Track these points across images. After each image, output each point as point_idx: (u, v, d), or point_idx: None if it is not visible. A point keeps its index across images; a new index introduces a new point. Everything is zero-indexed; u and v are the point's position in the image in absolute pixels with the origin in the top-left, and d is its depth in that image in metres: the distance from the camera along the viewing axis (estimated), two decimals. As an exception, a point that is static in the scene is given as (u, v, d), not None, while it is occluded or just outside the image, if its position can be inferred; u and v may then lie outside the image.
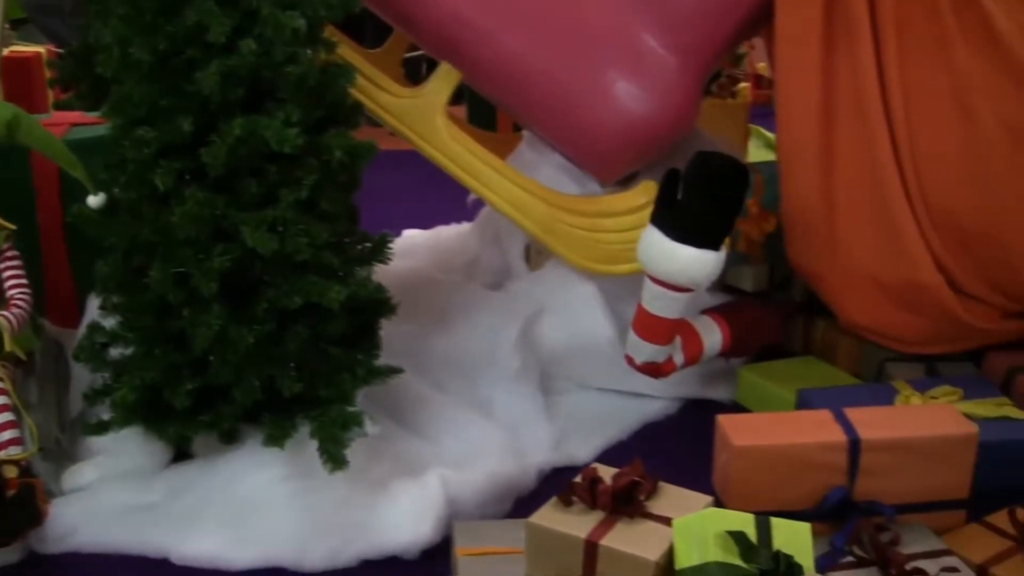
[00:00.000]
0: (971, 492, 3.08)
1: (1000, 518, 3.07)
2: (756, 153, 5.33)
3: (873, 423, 3.02)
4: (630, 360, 3.46)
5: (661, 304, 3.31)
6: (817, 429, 2.99)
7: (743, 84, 5.86)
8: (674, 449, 3.57)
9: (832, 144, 3.63)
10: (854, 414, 3.06)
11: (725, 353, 3.72)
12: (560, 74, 3.70)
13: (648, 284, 3.31)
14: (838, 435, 2.95)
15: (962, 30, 3.44)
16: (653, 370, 3.46)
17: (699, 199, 3.18)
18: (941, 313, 3.66)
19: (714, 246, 3.23)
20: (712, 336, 3.63)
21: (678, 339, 3.47)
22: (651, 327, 3.36)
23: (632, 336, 3.41)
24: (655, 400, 3.84)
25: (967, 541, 3.00)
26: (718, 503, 2.85)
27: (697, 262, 3.21)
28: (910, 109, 3.54)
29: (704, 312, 3.68)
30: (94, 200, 3.12)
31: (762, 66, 6.64)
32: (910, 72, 3.53)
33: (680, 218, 3.20)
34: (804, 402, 3.48)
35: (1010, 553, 2.94)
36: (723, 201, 3.22)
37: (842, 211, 3.65)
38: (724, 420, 3.03)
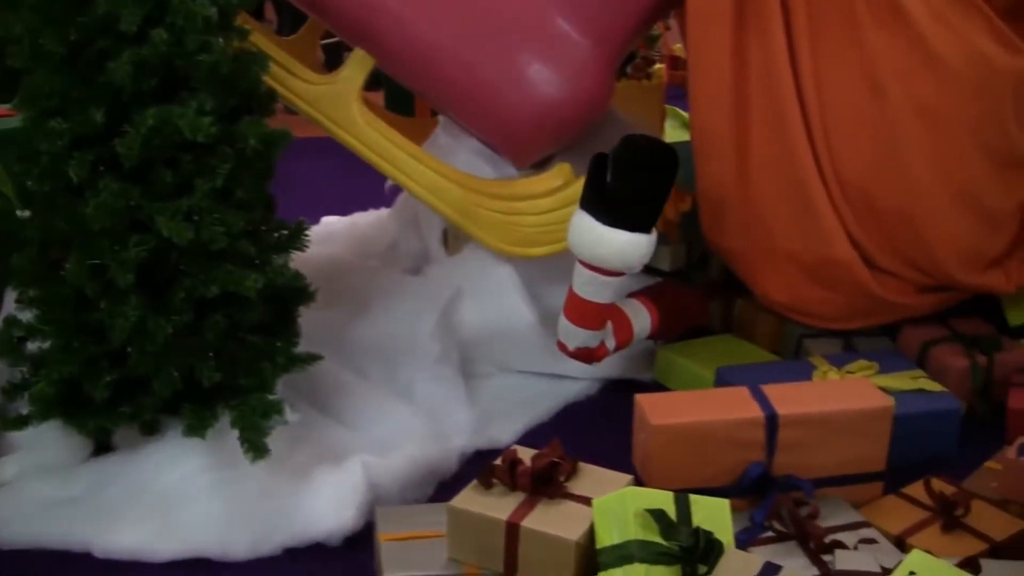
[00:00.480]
0: (888, 464, 3.13)
1: (916, 489, 3.12)
2: (672, 133, 5.36)
3: (790, 399, 3.06)
4: (563, 347, 3.47)
5: (593, 289, 3.32)
6: (734, 406, 3.02)
7: (658, 65, 5.88)
8: (595, 429, 3.59)
9: (745, 123, 3.66)
10: (771, 390, 3.09)
11: (654, 335, 3.74)
12: (473, 59, 3.71)
13: (579, 269, 3.32)
14: (755, 411, 2.99)
15: (872, 11, 3.49)
16: (586, 355, 3.47)
17: (629, 182, 3.20)
18: (856, 289, 3.71)
19: (646, 229, 3.25)
20: (641, 319, 3.64)
21: (609, 323, 3.49)
22: (583, 312, 3.37)
23: (564, 322, 3.42)
24: (576, 381, 3.86)
25: (885, 513, 3.05)
26: (638, 482, 2.87)
27: (630, 246, 3.23)
28: (822, 88, 3.58)
29: (631, 295, 3.69)
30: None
31: (678, 47, 6.66)
32: (821, 52, 3.57)
33: (611, 202, 3.21)
34: (723, 380, 3.52)
35: (927, 523, 3.00)
36: (653, 184, 3.24)
37: (757, 189, 3.68)
38: (642, 399, 3.05)
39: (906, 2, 3.45)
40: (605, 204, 3.22)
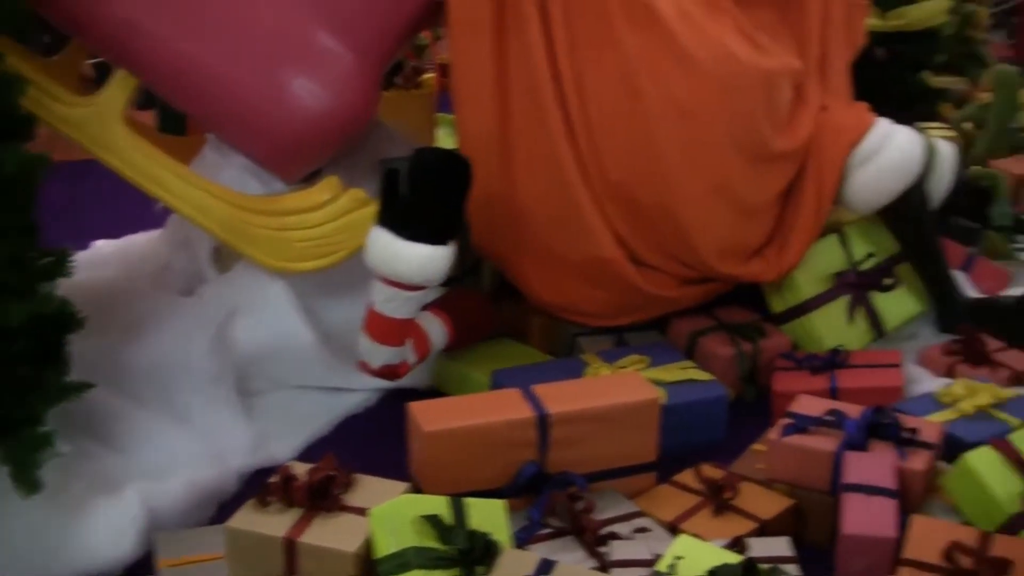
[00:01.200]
0: (661, 453, 3.21)
1: (688, 476, 3.22)
2: (445, 140, 5.40)
3: (560, 397, 3.11)
4: (365, 366, 3.47)
5: (396, 305, 3.35)
6: (505, 408, 3.06)
7: (428, 74, 5.92)
8: (375, 440, 3.59)
9: (509, 128, 3.73)
10: (542, 390, 3.14)
11: (450, 346, 3.77)
12: (236, 75, 3.68)
13: (380, 287, 3.33)
14: (526, 412, 3.03)
15: (625, 12, 3.58)
16: (390, 373, 3.49)
17: (426, 196, 3.24)
18: (623, 285, 3.80)
19: (445, 241, 3.29)
20: (437, 331, 3.68)
21: (409, 339, 3.51)
22: (386, 329, 3.39)
23: (366, 341, 3.42)
24: (354, 393, 3.86)
25: (658, 501, 3.13)
26: (416, 489, 2.90)
27: (432, 260, 3.27)
28: (582, 89, 3.66)
29: (424, 308, 3.70)
30: None
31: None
32: (580, 53, 3.65)
33: (409, 217, 3.24)
34: (498, 383, 3.55)
35: (698, 508, 3.09)
36: (450, 195, 3.29)
37: (523, 192, 3.75)
38: (414, 407, 3.07)
39: (657, 4, 3.55)
40: (403, 219, 3.24)
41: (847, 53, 4.20)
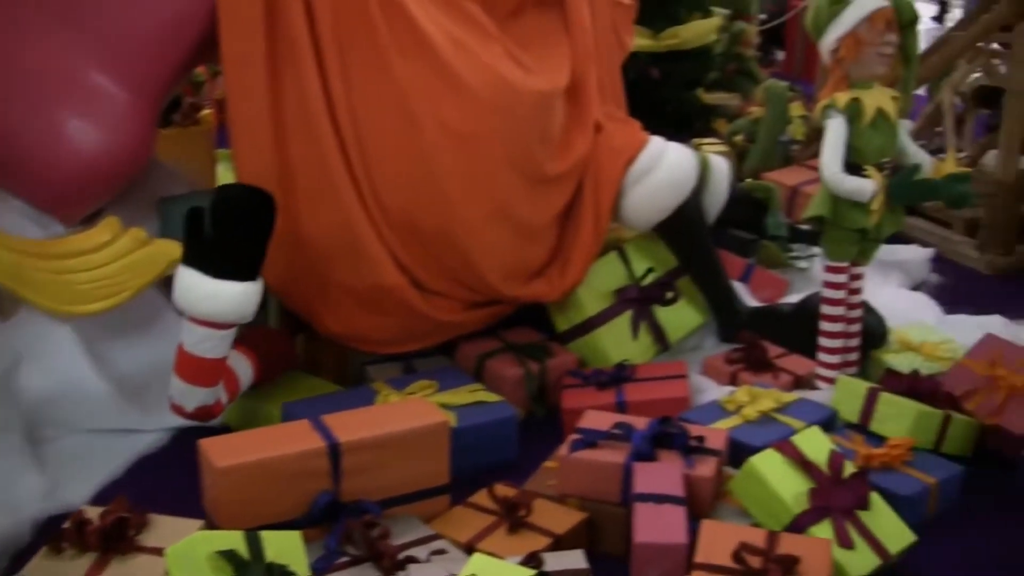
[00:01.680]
0: (454, 476, 3.25)
1: (482, 497, 3.27)
2: (226, 176, 5.35)
3: (350, 426, 3.13)
4: (179, 409, 3.43)
5: (210, 345, 3.33)
6: (296, 439, 3.06)
7: (206, 110, 5.87)
8: (170, 479, 3.55)
9: (287, 162, 3.73)
10: (332, 420, 3.16)
11: (256, 383, 3.74)
12: (7, 118, 3.60)
13: (191, 328, 3.31)
14: (317, 442, 3.04)
15: (396, 39, 3.63)
16: (205, 414, 3.45)
17: (233, 232, 3.23)
18: (409, 312, 3.84)
19: (254, 276, 3.29)
20: (243, 368, 3.65)
21: None
22: (200, 370, 3.36)
23: (179, 384, 3.38)
24: (147, 434, 3.80)
25: (453, 523, 3.17)
26: (212, 526, 2.89)
27: (243, 296, 3.27)
28: (357, 119, 3.70)
29: None
30: None
31: (228, 90, 6.63)
32: (354, 84, 3.69)
33: (217, 255, 3.23)
34: (289, 415, 3.54)
35: (494, 527, 3.14)
36: (255, 230, 3.28)
37: (305, 226, 3.76)
38: (205, 443, 3.05)
39: (428, 32, 3.61)
40: (211, 257, 3.23)
41: (618, 55, 4.33)
